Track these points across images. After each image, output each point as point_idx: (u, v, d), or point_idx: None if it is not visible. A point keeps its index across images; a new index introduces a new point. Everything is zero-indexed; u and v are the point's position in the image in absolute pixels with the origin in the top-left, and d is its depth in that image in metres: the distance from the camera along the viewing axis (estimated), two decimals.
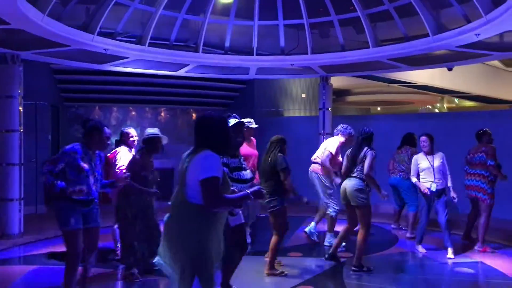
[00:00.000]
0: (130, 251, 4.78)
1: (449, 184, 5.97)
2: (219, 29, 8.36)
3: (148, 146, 4.83)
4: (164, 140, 4.89)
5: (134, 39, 7.49)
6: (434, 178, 5.89)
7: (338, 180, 6.07)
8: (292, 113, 12.32)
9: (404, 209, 7.38)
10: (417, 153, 6.80)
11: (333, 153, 6.25)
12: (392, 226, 7.57)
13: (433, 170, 5.90)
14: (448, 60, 7.81)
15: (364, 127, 5.41)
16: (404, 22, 7.27)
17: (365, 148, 5.25)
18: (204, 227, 2.75)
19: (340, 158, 6.27)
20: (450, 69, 8.54)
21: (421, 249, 6.13)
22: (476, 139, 6.31)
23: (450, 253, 5.87)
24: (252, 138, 6.18)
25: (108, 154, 5.36)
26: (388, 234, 7.38)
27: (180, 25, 7.81)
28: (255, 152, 6.12)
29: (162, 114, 13.27)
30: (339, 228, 6.21)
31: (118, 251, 5.32)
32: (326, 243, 6.44)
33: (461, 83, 12.43)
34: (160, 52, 7.64)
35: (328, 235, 6.50)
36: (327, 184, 6.35)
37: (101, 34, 6.78)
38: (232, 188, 3.10)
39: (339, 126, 6.52)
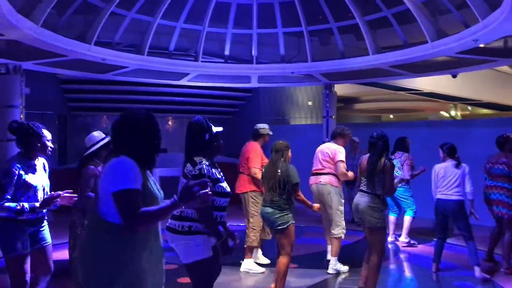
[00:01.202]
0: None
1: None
2: (220, 38, 8.37)
3: (105, 151, 4.11)
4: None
5: (133, 49, 7.55)
6: None
7: None
8: (299, 121, 12.26)
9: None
10: (411, 159, 6.74)
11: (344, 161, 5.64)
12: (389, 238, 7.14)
13: None
14: (451, 66, 7.65)
15: (377, 131, 4.62)
16: (404, 29, 7.17)
17: (384, 160, 4.41)
18: (122, 254, 2.17)
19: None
20: (454, 76, 8.36)
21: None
22: (497, 146, 5.60)
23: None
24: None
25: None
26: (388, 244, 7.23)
27: (180, 35, 7.85)
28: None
29: (170, 123, 13.36)
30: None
31: None
32: (330, 271, 5.54)
33: (469, 90, 12.17)
34: (159, 62, 7.69)
35: (333, 260, 5.56)
36: (342, 200, 5.62)
37: (99, 44, 6.86)
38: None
39: (338, 129, 5.87)
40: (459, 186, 5.30)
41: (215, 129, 3.31)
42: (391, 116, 18.38)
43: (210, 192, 2.16)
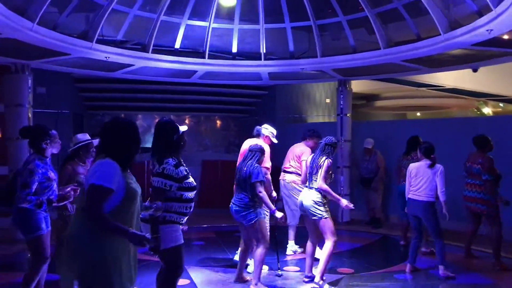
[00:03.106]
0: None
1: None
2: (229, 35, 8.18)
3: (84, 152, 4.61)
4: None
5: (139, 47, 7.48)
6: None
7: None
8: (316, 119, 11.93)
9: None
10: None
11: None
12: (402, 242, 6.90)
13: None
14: (469, 60, 7.21)
15: (328, 136, 5.16)
16: (417, 22, 6.79)
17: (324, 157, 4.91)
18: (105, 238, 2.53)
19: None
20: (475, 70, 7.90)
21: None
22: (475, 145, 5.86)
23: None
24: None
25: None
26: (401, 247, 6.88)
27: (186, 32, 7.71)
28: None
29: (186, 121, 13.31)
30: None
31: None
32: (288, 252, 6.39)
33: (496, 85, 11.47)
34: (164, 59, 7.58)
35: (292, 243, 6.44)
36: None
37: (102, 42, 6.81)
38: (148, 213, 3.09)
39: (308, 131, 6.44)
40: (429, 187, 5.24)
41: (181, 128, 3.59)
42: (418, 113, 17.73)
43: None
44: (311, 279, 5.06)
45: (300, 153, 6.18)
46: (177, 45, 7.78)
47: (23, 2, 5.38)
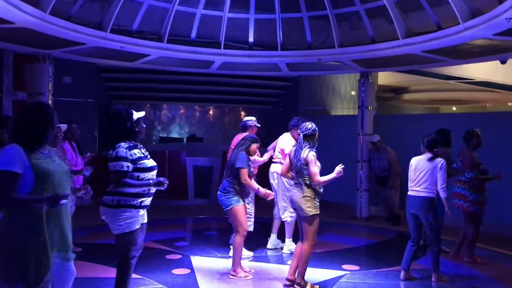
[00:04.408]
0: None
1: None
2: (245, 25, 8.09)
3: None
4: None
5: (155, 37, 7.52)
6: None
7: None
8: (341, 112, 11.72)
9: None
10: (446, 153, 5.96)
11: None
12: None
13: None
14: (496, 51, 6.82)
15: (306, 123, 4.60)
16: (439, 13, 6.47)
17: (307, 150, 4.48)
18: (26, 228, 2.55)
19: None
20: (503, 62, 7.49)
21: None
22: (464, 141, 5.74)
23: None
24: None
25: None
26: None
27: (201, 22, 7.69)
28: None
29: (211, 112, 13.38)
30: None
31: None
32: (286, 250, 6.04)
33: None
34: (180, 49, 7.59)
35: (287, 241, 6.05)
36: (288, 186, 5.63)
37: (117, 32, 6.88)
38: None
39: (293, 121, 5.96)
40: (428, 181, 4.85)
41: (136, 115, 3.65)
42: (454, 108, 17.07)
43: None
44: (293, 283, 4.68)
45: (283, 144, 6.03)
46: (193, 35, 7.77)
47: None
